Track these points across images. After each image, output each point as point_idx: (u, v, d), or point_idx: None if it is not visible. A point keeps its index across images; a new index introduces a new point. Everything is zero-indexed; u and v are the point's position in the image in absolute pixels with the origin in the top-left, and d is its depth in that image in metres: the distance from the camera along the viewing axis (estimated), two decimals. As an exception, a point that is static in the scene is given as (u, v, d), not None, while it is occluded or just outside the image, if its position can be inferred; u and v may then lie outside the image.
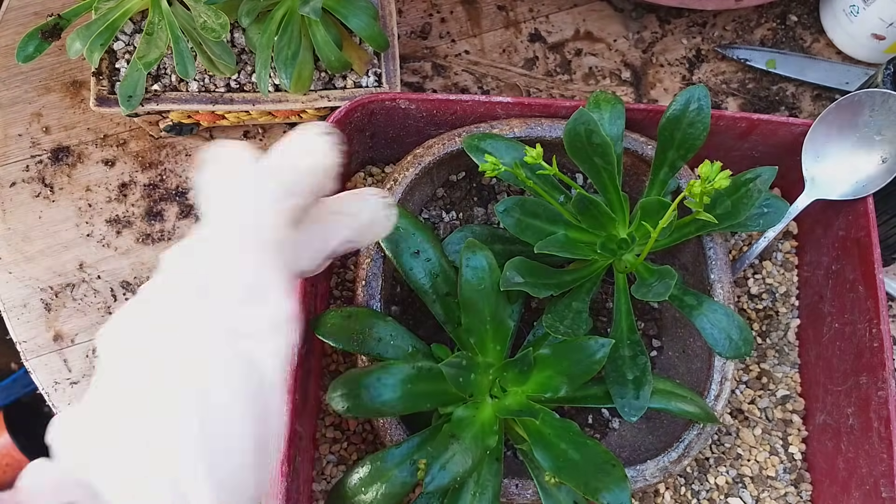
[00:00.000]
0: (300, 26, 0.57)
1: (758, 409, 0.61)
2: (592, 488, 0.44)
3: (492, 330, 0.49)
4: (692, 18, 0.72)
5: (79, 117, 0.67)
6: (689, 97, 0.51)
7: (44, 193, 0.65)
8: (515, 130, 0.55)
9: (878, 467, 0.52)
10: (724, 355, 0.50)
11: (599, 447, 0.46)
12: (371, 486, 0.46)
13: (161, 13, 0.56)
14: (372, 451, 0.59)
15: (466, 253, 0.49)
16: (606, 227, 0.51)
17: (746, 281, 0.64)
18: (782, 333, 0.63)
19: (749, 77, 0.71)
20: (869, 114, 0.55)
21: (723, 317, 0.50)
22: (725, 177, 0.42)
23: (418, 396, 0.46)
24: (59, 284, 0.64)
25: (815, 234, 0.63)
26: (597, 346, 0.47)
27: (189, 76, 0.56)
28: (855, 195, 0.56)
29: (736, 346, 0.50)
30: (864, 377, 0.54)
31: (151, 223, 0.65)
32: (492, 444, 0.46)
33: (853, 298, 0.56)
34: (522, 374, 0.48)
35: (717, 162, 0.42)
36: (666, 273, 0.48)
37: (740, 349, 0.50)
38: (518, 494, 0.50)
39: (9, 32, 0.69)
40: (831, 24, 0.71)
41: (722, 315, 0.50)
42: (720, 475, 0.59)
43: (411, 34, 0.71)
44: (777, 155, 0.60)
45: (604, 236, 0.51)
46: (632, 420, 0.49)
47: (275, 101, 0.60)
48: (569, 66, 0.71)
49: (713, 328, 0.50)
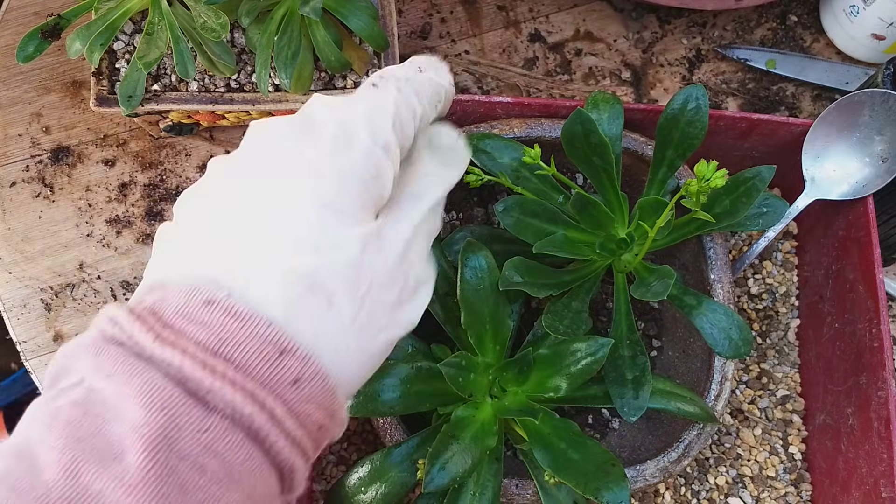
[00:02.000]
0: (300, 26, 0.57)
1: (758, 409, 0.61)
2: (592, 488, 0.44)
3: (491, 330, 0.49)
4: (692, 18, 0.72)
5: (79, 117, 0.67)
6: (688, 96, 0.51)
7: (44, 193, 0.65)
8: (515, 130, 0.55)
9: (878, 467, 0.52)
10: (724, 355, 0.50)
11: (599, 447, 0.46)
12: (371, 486, 0.46)
13: (161, 13, 0.56)
14: (372, 450, 0.59)
15: (466, 253, 0.49)
16: (605, 226, 0.51)
17: (746, 281, 0.64)
18: (782, 333, 0.63)
19: (749, 77, 0.71)
20: (869, 114, 0.55)
21: (722, 317, 0.50)
22: (721, 175, 0.42)
23: (418, 396, 0.46)
24: (59, 284, 0.64)
25: (816, 234, 0.63)
26: (596, 345, 0.47)
27: (189, 76, 0.56)
28: (855, 195, 0.56)
29: (736, 345, 0.50)
30: (864, 377, 0.54)
31: (151, 223, 0.65)
32: (491, 445, 0.46)
33: (853, 298, 0.56)
34: (522, 374, 0.48)
35: (713, 161, 0.42)
36: (665, 273, 0.48)
37: (740, 349, 0.50)
38: (518, 494, 0.50)
39: (9, 32, 0.69)
40: (831, 24, 0.71)
41: (722, 315, 0.50)
42: (720, 475, 0.59)
43: (411, 34, 0.71)
44: (777, 155, 0.60)
45: (603, 236, 0.51)
46: (631, 420, 0.49)
47: (275, 101, 0.60)
48: (569, 66, 0.71)
49: (713, 328, 0.50)
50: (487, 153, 0.52)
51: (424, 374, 0.47)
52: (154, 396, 0.27)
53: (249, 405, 0.27)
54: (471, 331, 0.48)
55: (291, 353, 0.28)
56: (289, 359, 0.28)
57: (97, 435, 0.26)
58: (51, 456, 0.26)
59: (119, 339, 0.28)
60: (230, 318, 0.28)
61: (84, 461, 0.26)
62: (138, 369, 0.27)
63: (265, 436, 0.28)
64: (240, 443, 0.28)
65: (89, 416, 0.27)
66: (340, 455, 0.59)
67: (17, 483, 0.26)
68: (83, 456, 0.26)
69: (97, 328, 0.29)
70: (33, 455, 0.26)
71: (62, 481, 0.25)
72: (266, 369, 0.28)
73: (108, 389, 0.27)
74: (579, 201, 0.49)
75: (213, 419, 0.27)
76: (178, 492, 0.26)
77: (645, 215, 0.49)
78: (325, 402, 0.30)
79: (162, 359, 0.27)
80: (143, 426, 0.26)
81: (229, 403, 0.27)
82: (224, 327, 0.28)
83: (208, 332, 0.28)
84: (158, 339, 0.28)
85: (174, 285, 0.29)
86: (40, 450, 0.26)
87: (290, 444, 0.29)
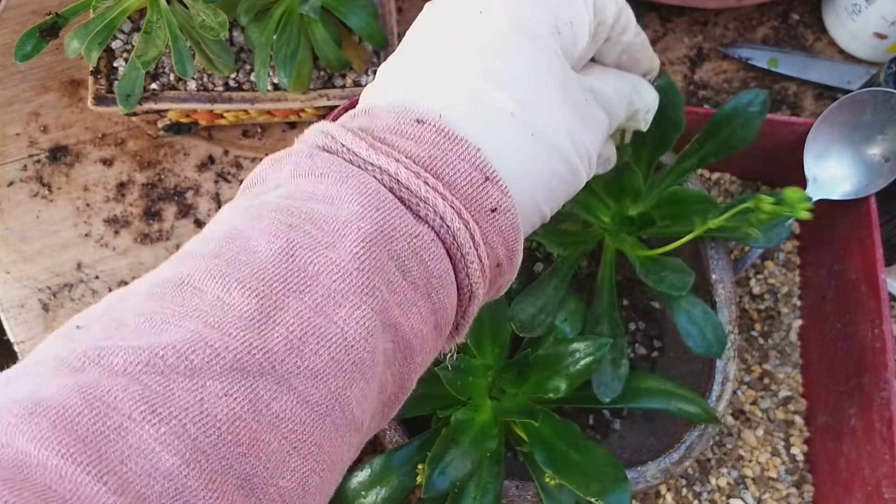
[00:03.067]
0: (299, 25, 0.57)
1: (759, 410, 0.61)
2: (594, 489, 0.43)
3: (490, 332, 0.48)
4: (693, 17, 0.72)
5: (77, 116, 0.67)
6: (753, 98, 0.50)
7: (41, 193, 0.65)
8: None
9: (880, 468, 0.52)
10: (696, 350, 0.50)
11: (600, 448, 0.46)
12: (371, 490, 0.46)
13: (159, 12, 0.55)
14: (371, 453, 0.59)
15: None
16: (623, 200, 0.51)
17: (748, 281, 0.64)
18: (784, 334, 0.63)
19: (751, 76, 0.71)
20: (871, 113, 0.55)
21: (701, 313, 0.50)
22: (807, 208, 0.40)
23: (417, 400, 0.46)
24: (57, 284, 0.63)
25: (817, 234, 0.62)
26: (595, 345, 0.47)
27: (187, 75, 0.56)
28: (857, 195, 0.56)
29: (708, 343, 0.50)
30: (867, 378, 0.54)
31: (150, 223, 0.65)
32: (492, 447, 0.46)
33: (855, 299, 0.56)
34: (521, 376, 0.48)
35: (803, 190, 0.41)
36: (678, 267, 0.48)
37: (711, 348, 0.50)
38: (518, 497, 0.50)
39: (7, 31, 0.68)
40: (833, 22, 0.70)
41: (700, 312, 0.50)
42: (722, 476, 0.59)
43: (411, 33, 0.71)
44: (779, 154, 0.60)
45: (614, 208, 0.51)
46: (605, 400, 0.48)
47: (274, 100, 0.60)
48: (569, 64, 0.70)
49: (689, 323, 0.50)
50: None
51: (423, 378, 0.46)
52: (370, 197, 0.27)
53: (458, 221, 0.28)
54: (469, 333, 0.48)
55: (494, 182, 0.29)
56: (491, 187, 0.29)
57: (309, 222, 0.27)
58: (264, 238, 0.26)
59: (332, 147, 0.29)
60: (442, 138, 0.29)
61: (299, 245, 0.26)
62: (353, 172, 0.28)
63: (465, 254, 0.29)
64: (442, 255, 0.28)
65: (297, 211, 0.27)
66: (340, 456, 0.59)
67: (233, 258, 0.26)
68: (298, 239, 0.26)
69: (305, 142, 0.30)
70: (244, 237, 0.27)
71: (278, 260, 0.26)
72: (472, 192, 0.29)
73: (320, 187, 0.28)
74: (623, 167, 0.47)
75: (423, 227, 0.28)
76: (384, 287, 0.27)
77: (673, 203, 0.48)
78: (511, 237, 0.30)
79: (378, 165, 0.28)
80: (360, 220, 0.27)
81: (439, 214, 0.28)
82: (436, 145, 0.29)
83: (421, 148, 0.29)
84: (372, 147, 0.28)
85: (383, 108, 0.30)
86: (251, 233, 0.27)
87: (480, 269, 0.29)
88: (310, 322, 0.25)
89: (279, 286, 0.25)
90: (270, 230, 0.27)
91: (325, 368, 0.25)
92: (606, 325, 0.50)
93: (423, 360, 0.30)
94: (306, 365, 0.25)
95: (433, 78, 0.30)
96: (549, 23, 0.31)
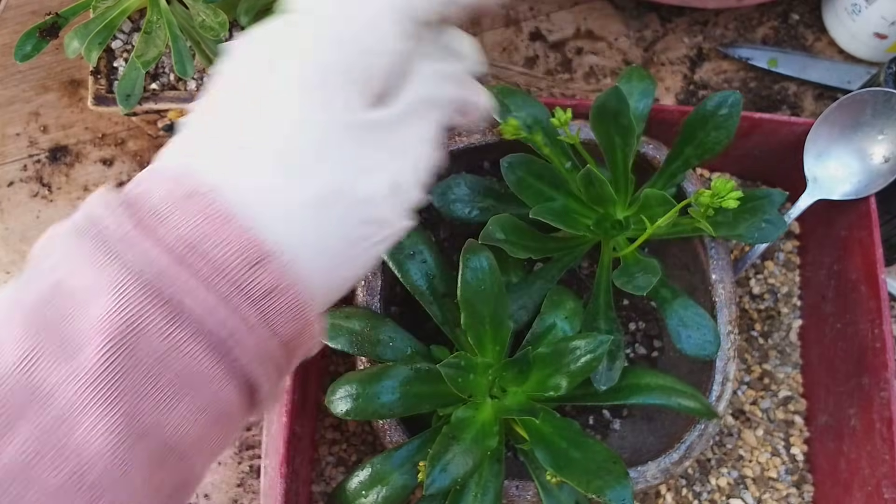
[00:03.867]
0: (299, 25, 0.57)
1: (759, 410, 0.61)
2: (594, 486, 0.43)
3: (491, 330, 0.48)
4: (693, 17, 0.72)
5: (77, 116, 0.67)
6: (722, 100, 0.50)
7: (41, 193, 0.65)
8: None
9: (880, 468, 0.52)
10: (687, 352, 0.50)
11: (601, 445, 0.46)
12: (372, 489, 0.46)
13: (159, 12, 0.55)
14: (371, 452, 0.59)
15: (467, 254, 0.48)
16: (606, 205, 0.51)
17: (748, 281, 0.64)
18: (784, 334, 0.63)
19: (751, 76, 0.71)
20: (871, 113, 0.55)
21: (692, 315, 0.50)
22: (735, 198, 0.42)
23: (417, 398, 0.46)
24: (57, 284, 0.63)
25: (818, 233, 0.62)
26: (596, 342, 0.47)
27: (187, 75, 0.56)
28: (857, 195, 0.56)
29: (699, 345, 0.50)
30: (867, 378, 0.54)
31: (150, 223, 0.65)
32: (492, 445, 0.46)
33: (855, 299, 0.56)
34: (522, 374, 0.48)
35: (731, 180, 0.42)
36: (650, 267, 0.48)
37: (703, 350, 0.50)
38: (519, 496, 0.50)
39: (7, 31, 0.68)
40: (833, 22, 0.70)
41: (692, 314, 0.50)
42: (722, 476, 0.59)
43: (411, 33, 0.71)
44: (779, 154, 0.60)
45: (601, 213, 0.51)
46: (601, 388, 0.49)
47: (274, 100, 0.59)
48: (569, 64, 0.70)
49: (680, 325, 0.50)
50: (505, 105, 0.51)
51: (424, 376, 0.46)
52: (124, 292, 0.26)
53: (223, 311, 0.26)
54: (470, 332, 0.48)
55: (266, 263, 0.27)
56: (263, 268, 0.27)
57: (61, 325, 0.25)
58: (10, 344, 0.25)
59: (102, 223, 0.27)
60: (213, 214, 0.27)
61: (42, 352, 0.25)
62: (112, 261, 0.26)
63: (233, 345, 0.27)
64: (200, 351, 0.26)
65: (55, 306, 0.26)
66: (339, 457, 0.59)
67: None
68: (43, 346, 0.25)
69: (83, 211, 0.28)
70: None
71: (18, 370, 0.25)
72: (243, 275, 0.27)
73: (78, 280, 0.26)
74: (587, 176, 0.48)
75: (176, 324, 0.26)
76: (134, 392, 0.25)
77: (647, 205, 0.49)
78: (296, 316, 0.28)
79: (141, 249, 0.26)
80: (111, 317, 0.25)
81: (200, 305, 0.26)
82: (208, 221, 0.27)
83: (190, 225, 0.27)
84: (139, 227, 0.27)
85: (164, 174, 0.28)
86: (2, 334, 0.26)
87: (259, 356, 0.27)
88: (50, 436, 0.24)
89: (21, 397, 0.25)
90: (18, 334, 0.25)
91: (66, 485, 0.24)
92: (603, 323, 0.50)
93: (208, 453, 0.28)
94: (43, 483, 0.24)
95: (212, 144, 0.29)
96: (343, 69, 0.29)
